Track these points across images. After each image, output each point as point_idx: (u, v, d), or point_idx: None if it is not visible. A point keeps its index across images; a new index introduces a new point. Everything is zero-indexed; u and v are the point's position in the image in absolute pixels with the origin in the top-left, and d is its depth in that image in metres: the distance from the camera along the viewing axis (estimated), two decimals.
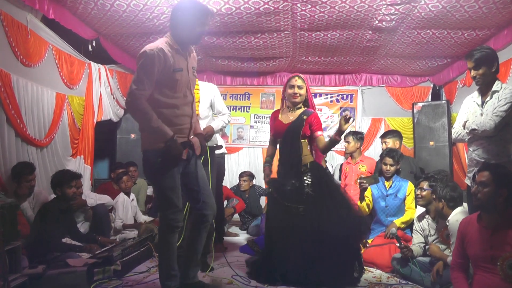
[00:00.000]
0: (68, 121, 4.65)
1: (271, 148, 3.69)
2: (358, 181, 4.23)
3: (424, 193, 3.58)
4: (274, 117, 3.63)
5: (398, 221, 4.11)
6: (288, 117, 3.50)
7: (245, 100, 7.35)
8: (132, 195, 5.03)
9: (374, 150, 6.75)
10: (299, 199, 3.29)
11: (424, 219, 3.59)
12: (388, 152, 4.41)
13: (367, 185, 4.14)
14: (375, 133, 7.01)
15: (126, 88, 5.89)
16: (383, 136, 5.16)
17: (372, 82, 7.07)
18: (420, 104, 6.56)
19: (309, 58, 6.12)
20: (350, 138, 5.11)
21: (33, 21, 3.88)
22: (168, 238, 2.79)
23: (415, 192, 3.93)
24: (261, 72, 7.06)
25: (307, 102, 3.55)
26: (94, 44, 4.88)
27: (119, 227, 4.68)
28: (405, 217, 4.13)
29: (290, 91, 3.48)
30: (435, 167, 5.24)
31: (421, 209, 3.97)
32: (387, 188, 4.32)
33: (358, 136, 5.18)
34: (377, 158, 4.90)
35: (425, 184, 3.63)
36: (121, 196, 4.85)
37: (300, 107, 3.52)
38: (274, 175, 3.61)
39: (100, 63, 5.23)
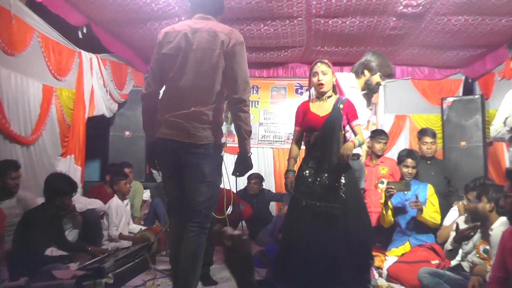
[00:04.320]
0: (57, 116, 4.64)
1: (295, 147, 3.57)
2: (386, 187, 4.16)
3: (471, 205, 3.30)
4: (305, 109, 3.51)
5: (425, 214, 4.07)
6: (323, 108, 3.43)
7: (253, 94, 7.25)
8: (126, 200, 5.01)
9: (398, 151, 6.65)
10: (332, 198, 3.28)
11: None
12: (408, 153, 4.38)
13: (395, 191, 4.07)
14: (399, 132, 6.95)
15: (120, 80, 5.88)
16: None
17: (396, 75, 6.97)
18: (450, 99, 6.48)
19: (325, 48, 6.06)
20: (382, 137, 5.03)
21: (17, 5, 3.84)
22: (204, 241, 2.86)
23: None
24: (272, 63, 7.00)
25: (335, 88, 3.50)
26: (85, 31, 4.85)
27: (114, 236, 4.64)
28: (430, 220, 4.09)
29: (314, 79, 3.45)
30: (466, 171, 5.15)
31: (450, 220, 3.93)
32: (405, 193, 4.24)
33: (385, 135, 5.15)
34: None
35: (472, 195, 3.39)
36: (114, 200, 4.82)
37: (331, 96, 3.46)
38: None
39: (92, 52, 5.20)
